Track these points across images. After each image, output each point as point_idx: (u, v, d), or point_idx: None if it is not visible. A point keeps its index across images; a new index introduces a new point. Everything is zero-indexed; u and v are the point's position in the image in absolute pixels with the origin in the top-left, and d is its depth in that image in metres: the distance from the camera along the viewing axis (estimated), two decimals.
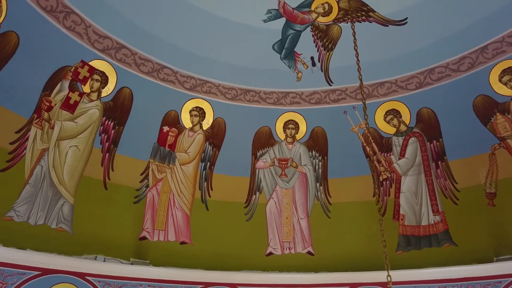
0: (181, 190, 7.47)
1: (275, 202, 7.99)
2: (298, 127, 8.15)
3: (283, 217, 7.92)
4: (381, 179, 7.90)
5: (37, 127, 6.12)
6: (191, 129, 7.73)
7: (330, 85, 7.90)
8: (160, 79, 7.23)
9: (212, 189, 7.74)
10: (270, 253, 7.72)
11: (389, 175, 7.83)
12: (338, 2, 7.08)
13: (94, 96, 6.75)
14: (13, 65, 5.72)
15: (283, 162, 8.10)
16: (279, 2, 7.07)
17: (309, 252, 7.74)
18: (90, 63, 6.61)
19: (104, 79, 6.79)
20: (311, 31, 7.48)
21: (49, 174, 6.19)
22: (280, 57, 7.65)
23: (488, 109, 7.09)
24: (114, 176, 6.97)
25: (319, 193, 8.06)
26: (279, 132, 8.17)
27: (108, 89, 6.87)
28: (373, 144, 7.88)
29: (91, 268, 6.20)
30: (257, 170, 8.07)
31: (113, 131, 6.97)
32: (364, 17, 7.22)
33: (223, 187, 7.80)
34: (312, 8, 7.26)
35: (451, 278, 6.77)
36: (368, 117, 4.49)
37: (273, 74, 7.75)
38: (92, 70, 6.61)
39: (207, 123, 7.76)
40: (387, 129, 7.93)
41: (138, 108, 7.17)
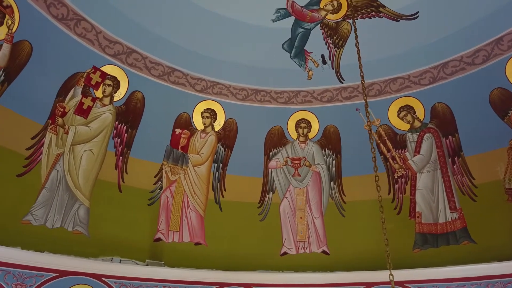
0: (195, 191, 7.53)
1: (289, 201, 7.96)
2: (310, 125, 8.11)
3: (297, 217, 7.89)
4: (396, 177, 7.79)
5: (52, 133, 6.28)
6: (203, 130, 7.79)
7: (342, 82, 7.82)
8: (171, 82, 7.31)
9: (225, 190, 7.78)
10: (285, 253, 7.70)
11: (404, 172, 7.71)
12: None
13: (107, 100, 6.88)
14: (27, 73, 5.88)
15: (296, 162, 8.07)
16: (288, 1, 7.04)
17: (324, 252, 7.69)
18: (102, 68, 6.75)
19: (116, 84, 6.91)
20: (320, 29, 7.42)
21: (64, 178, 6.35)
22: (290, 56, 7.62)
23: (505, 102, 6.90)
24: (128, 179, 7.08)
25: (333, 192, 8.00)
26: (291, 131, 8.14)
27: (120, 94, 6.99)
28: (387, 141, 7.79)
29: (107, 270, 6.31)
30: (270, 170, 8.06)
31: (126, 134, 7.08)
32: (374, 13, 7.12)
33: (236, 188, 7.82)
34: (321, 6, 7.20)
35: (470, 277, 6.61)
36: (369, 114, 4.41)
37: (283, 73, 7.74)
38: (104, 75, 6.74)
39: (219, 124, 7.81)
40: (401, 125, 7.81)
41: (150, 111, 7.27)
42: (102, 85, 6.77)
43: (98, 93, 6.82)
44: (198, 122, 7.75)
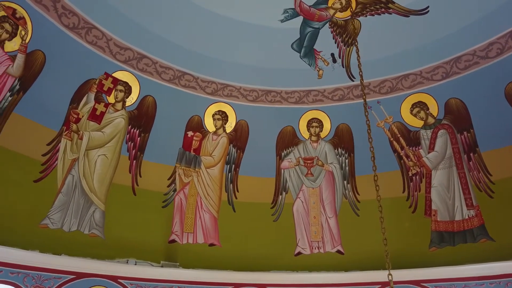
0: (208, 192, 7.61)
1: (302, 201, 7.95)
2: (322, 125, 8.08)
3: (310, 217, 7.87)
4: (410, 174, 7.68)
5: (67, 139, 6.46)
6: (215, 132, 7.86)
7: (353, 80, 7.76)
8: (182, 86, 7.40)
9: (238, 191, 7.83)
10: (299, 253, 7.69)
11: (419, 170, 7.59)
12: None
13: (119, 106, 7.03)
14: (41, 82, 6.08)
15: (309, 161, 8.05)
16: (295, 1, 7.03)
17: (338, 251, 7.65)
18: (114, 74, 6.90)
19: (128, 89, 7.05)
20: (329, 28, 7.38)
21: (80, 183, 6.52)
22: (300, 55, 7.61)
23: None
24: (142, 182, 7.22)
25: (347, 191, 7.95)
26: (303, 131, 8.13)
27: (132, 98, 7.13)
28: (401, 139, 7.69)
29: (123, 271, 6.47)
30: (282, 170, 8.06)
31: (139, 138, 7.22)
32: (383, 9, 7.04)
33: (249, 189, 7.86)
34: (329, 4, 7.16)
35: (489, 275, 6.47)
36: (368, 113, 4.38)
37: (293, 73, 7.73)
38: (116, 81, 6.89)
39: (230, 126, 7.87)
40: (414, 122, 7.69)
41: (162, 115, 7.38)
42: (114, 90, 6.92)
43: (111, 99, 6.97)
44: (209, 124, 7.83)
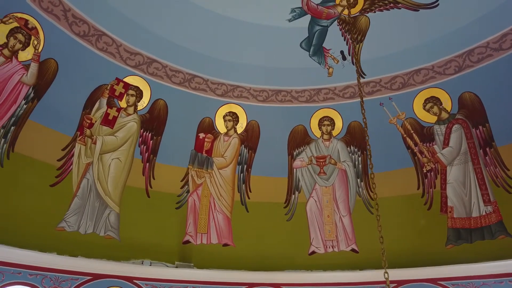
0: (221, 193, 7.68)
1: (315, 200, 7.92)
2: (334, 123, 8.03)
3: (324, 216, 7.84)
4: (424, 171, 7.55)
5: (81, 144, 6.64)
6: (226, 133, 7.93)
7: (363, 77, 7.68)
8: (192, 88, 7.49)
9: (250, 191, 7.86)
10: (313, 252, 7.67)
11: (433, 166, 7.46)
12: None
13: (131, 110, 7.18)
14: (54, 89, 6.27)
15: (321, 160, 8.02)
16: (302, 0, 7.03)
17: (353, 250, 7.59)
18: (125, 79, 7.04)
19: (139, 93, 7.19)
20: (338, 25, 7.34)
21: (95, 186, 6.69)
22: (309, 54, 7.59)
23: None
24: (155, 184, 7.35)
25: (360, 189, 7.88)
26: (315, 130, 8.10)
27: (144, 102, 7.26)
28: (414, 135, 7.57)
29: (138, 272, 6.60)
30: (295, 169, 8.06)
31: (151, 141, 7.35)
32: (392, 4, 6.95)
33: (262, 189, 7.89)
34: (337, 1, 7.11)
35: (508, 273, 6.33)
36: (365, 111, 4.33)
37: (303, 72, 7.71)
38: (127, 86, 7.03)
39: (241, 127, 7.92)
40: (427, 118, 7.56)
41: (174, 117, 7.50)
42: (125, 95, 7.07)
43: (122, 103, 7.12)
44: (220, 125, 7.89)
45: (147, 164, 7.29)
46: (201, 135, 7.73)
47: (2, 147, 5.74)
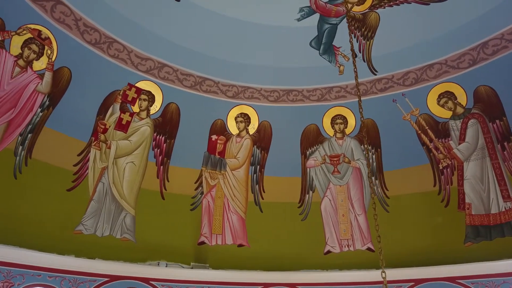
0: (234, 194, 7.73)
1: (330, 199, 7.88)
2: (347, 121, 7.97)
3: (339, 215, 7.79)
4: (441, 167, 7.40)
5: (96, 149, 6.81)
6: (238, 135, 7.97)
7: (375, 74, 7.60)
8: (203, 91, 7.57)
9: (264, 191, 7.88)
10: (329, 252, 7.63)
11: (449, 162, 7.30)
12: None
13: (144, 114, 7.32)
14: (68, 96, 6.46)
15: (335, 159, 7.96)
16: None
17: (369, 249, 7.52)
18: (137, 84, 7.18)
19: (151, 98, 7.32)
20: (347, 22, 7.27)
21: (110, 190, 6.85)
22: (319, 53, 7.56)
23: None
24: (170, 186, 7.46)
25: (375, 187, 7.78)
26: (327, 128, 8.05)
27: (156, 107, 7.39)
28: (429, 131, 7.43)
29: (154, 273, 6.70)
30: (308, 169, 8.03)
31: (165, 144, 7.47)
32: None
33: (275, 189, 7.90)
34: None
35: None
36: (362, 110, 4.27)
37: (314, 71, 7.69)
38: (139, 91, 7.17)
39: (253, 128, 7.95)
40: (442, 113, 7.41)
41: (186, 120, 7.59)
42: (138, 100, 7.20)
43: (135, 108, 7.27)
44: (232, 127, 7.95)
45: (161, 167, 7.41)
46: (214, 137, 7.80)
47: (20, 154, 5.95)
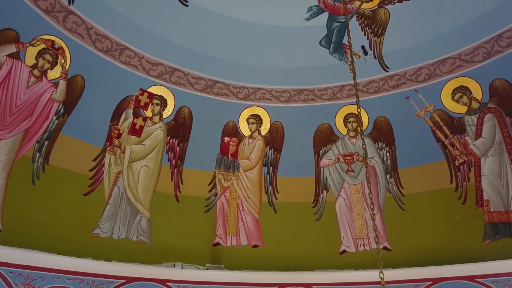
0: (248, 195, 7.77)
1: (344, 199, 7.82)
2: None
3: (354, 214, 7.72)
4: (457, 164, 7.24)
5: (111, 153, 6.97)
6: (250, 136, 8.01)
7: (387, 71, 7.52)
8: (214, 94, 7.65)
9: (278, 192, 7.89)
10: (344, 251, 7.57)
11: (466, 158, 7.14)
12: None
13: (157, 118, 7.44)
14: (83, 103, 6.63)
15: (349, 158, 7.90)
16: None
17: (385, 248, 7.41)
18: (149, 90, 7.31)
19: (163, 102, 7.43)
20: (357, 20, 7.23)
21: (125, 193, 7.00)
22: (329, 51, 7.53)
23: None
24: (184, 189, 7.55)
25: (390, 186, 7.69)
26: (340, 127, 8.00)
27: (168, 111, 7.50)
28: (444, 127, 7.29)
29: (170, 275, 6.79)
30: (322, 168, 7.99)
31: (178, 148, 7.57)
32: None
33: (289, 189, 7.88)
34: None
35: None
36: (360, 109, 4.23)
37: (324, 70, 7.66)
38: (151, 96, 7.30)
39: (265, 129, 7.97)
40: (457, 108, 7.26)
41: (198, 123, 7.67)
42: (150, 105, 7.33)
43: (148, 113, 7.39)
44: (244, 128, 7.99)
45: (175, 170, 7.52)
46: (226, 139, 7.86)
47: (38, 161, 6.16)
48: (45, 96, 6.22)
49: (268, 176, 7.93)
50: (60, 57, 6.27)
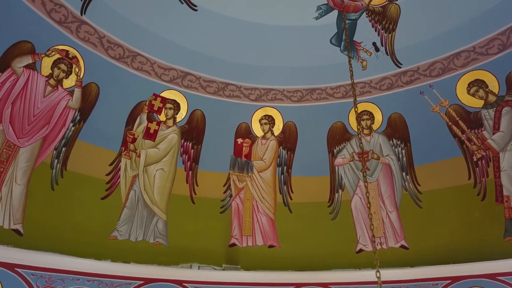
0: (263, 196, 7.81)
1: (360, 197, 7.75)
2: (373, 116, 7.81)
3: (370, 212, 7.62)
4: (475, 159, 7.07)
5: (126, 158, 7.14)
6: (263, 137, 8.04)
7: (399, 67, 7.40)
8: (226, 96, 7.71)
9: (292, 192, 7.89)
10: (361, 250, 7.51)
11: (484, 154, 6.96)
12: None
13: (170, 122, 7.57)
14: (98, 110, 6.82)
15: (363, 155, 7.80)
16: None
17: (402, 246, 7.32)
18: (161, 94, 7.44)
19: (176, 106, 7.56)
20: (367, 17, 7.14)
21: (142, 196, 7.16)
22: (340, 49, 7.47)
23: None
24: (199, 191, 7.66)
25: (406, 183, 7.57)
26: (354, 125, 7.91)
27: (182, 114, 7.62)
28: (460, 122, 7.13)
29: (187, 276, 6.91)
30: (337, 167, 7.94)
31: (192, 150, 7.68)
32: None
33: (304, 189, 7.88)
34: None
35: None
36: (358, 109, 4.17)
37: (336, 68, 7.58)
38: (164, 100, 7.43)
39: (278, 129, 7.99)
40: (473, 102, 7.08)
41: (211, 126, 7.76)
42: (164, 109, 7.47)
43: (162, 117, 7.53)
44: (257, 129, 8.03)
45: (190, 172, 7.63)
46: (239, 140, 7.92)
47: (56, 167, 6.38)
48: (62, 104, 6.43)
49: (282, 176, 7.95)
50: (74, 66, 6.48)
